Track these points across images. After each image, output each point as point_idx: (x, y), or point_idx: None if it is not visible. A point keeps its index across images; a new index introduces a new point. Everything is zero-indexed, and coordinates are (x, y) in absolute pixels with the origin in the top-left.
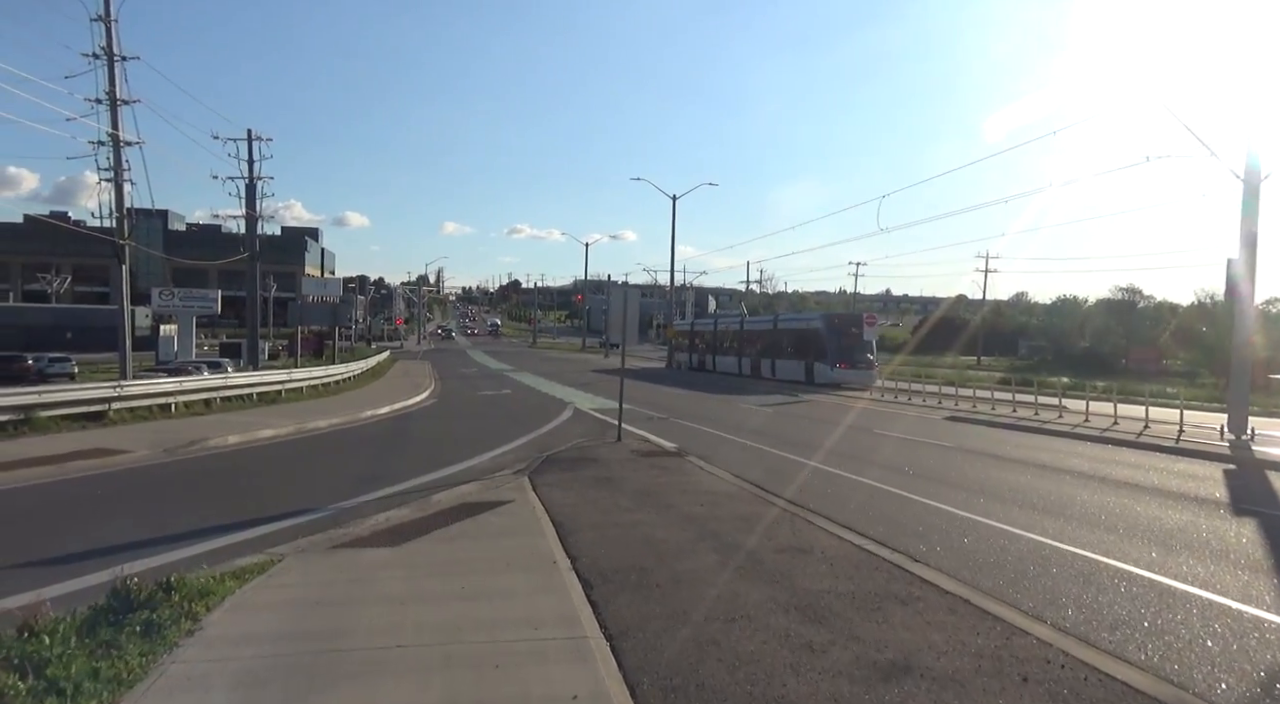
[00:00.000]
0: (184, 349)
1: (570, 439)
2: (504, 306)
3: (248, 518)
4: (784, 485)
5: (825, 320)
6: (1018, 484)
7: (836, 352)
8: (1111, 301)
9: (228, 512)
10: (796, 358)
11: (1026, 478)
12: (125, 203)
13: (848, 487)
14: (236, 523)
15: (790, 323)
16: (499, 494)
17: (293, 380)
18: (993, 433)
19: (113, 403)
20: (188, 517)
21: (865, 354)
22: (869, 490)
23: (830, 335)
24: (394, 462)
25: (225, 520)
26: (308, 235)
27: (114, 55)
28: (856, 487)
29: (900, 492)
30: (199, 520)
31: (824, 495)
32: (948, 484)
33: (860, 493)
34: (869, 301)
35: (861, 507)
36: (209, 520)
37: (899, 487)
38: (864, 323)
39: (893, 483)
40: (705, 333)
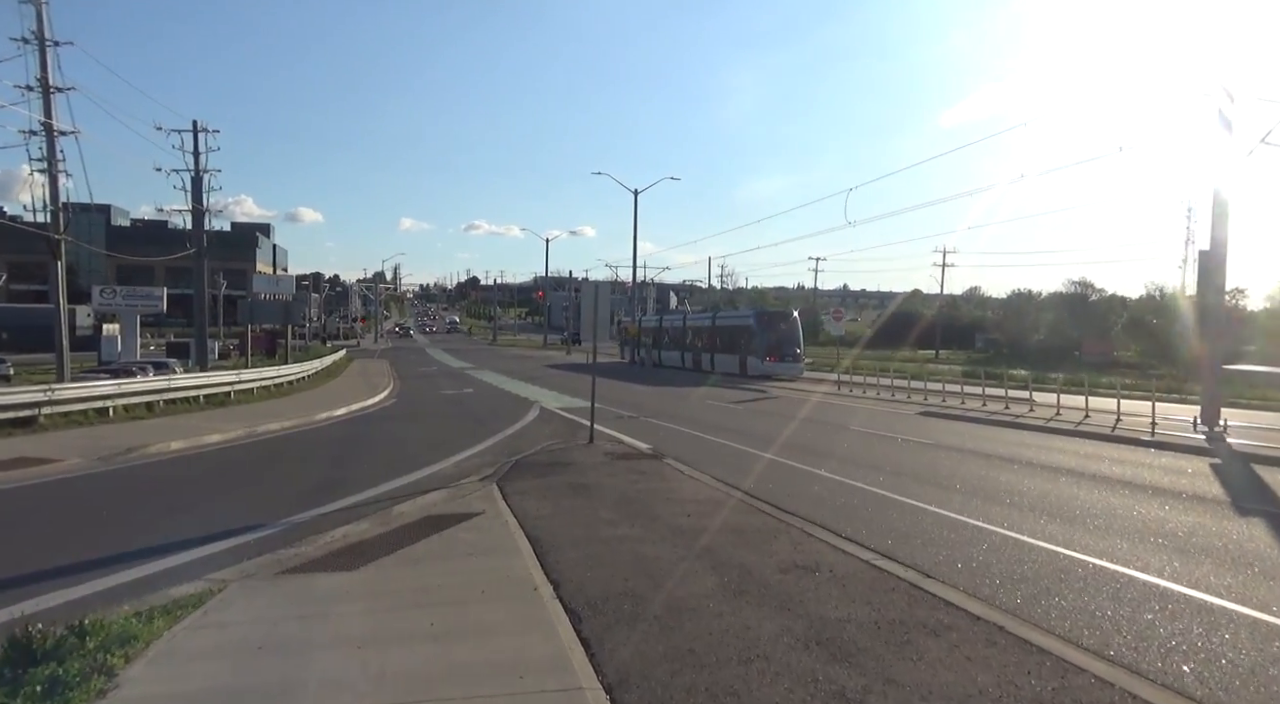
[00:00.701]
0: (127, 349)
1: (539, 441)
2: (463, 304)
3: (187, 537)
4: (772, 490)
5: (756, 317)
6: (1011, 484)
7: (766, 346)
8: (1064, 295)
9: (165, 529)
10: (732, 352)
11: (1017, 477)
12: (60, 196)
13: (839, 491)
14: (174, 543)
15: (727, 319)
16: (467, 505)
17: (242, 381)
18: (969, 429)
19: (43, 407)
20: (118, 536)
21: (793, 348)
22: (861, 495)
23: (760, 331)
24: (352, 468)
25: (161, 540)
26: (259, 231)
27: (45, 39)
28: (849, 491)
29: (894, 495)
30: (130, 540)
31: (815, 501)
32: (940, 486)
33: (852, 497)
34: (827, 297)
35: (857, 513)
36: (142, 540)
37: (892, 489)
38: (791, 319)
39: (884, 485)
40: (653, 330)
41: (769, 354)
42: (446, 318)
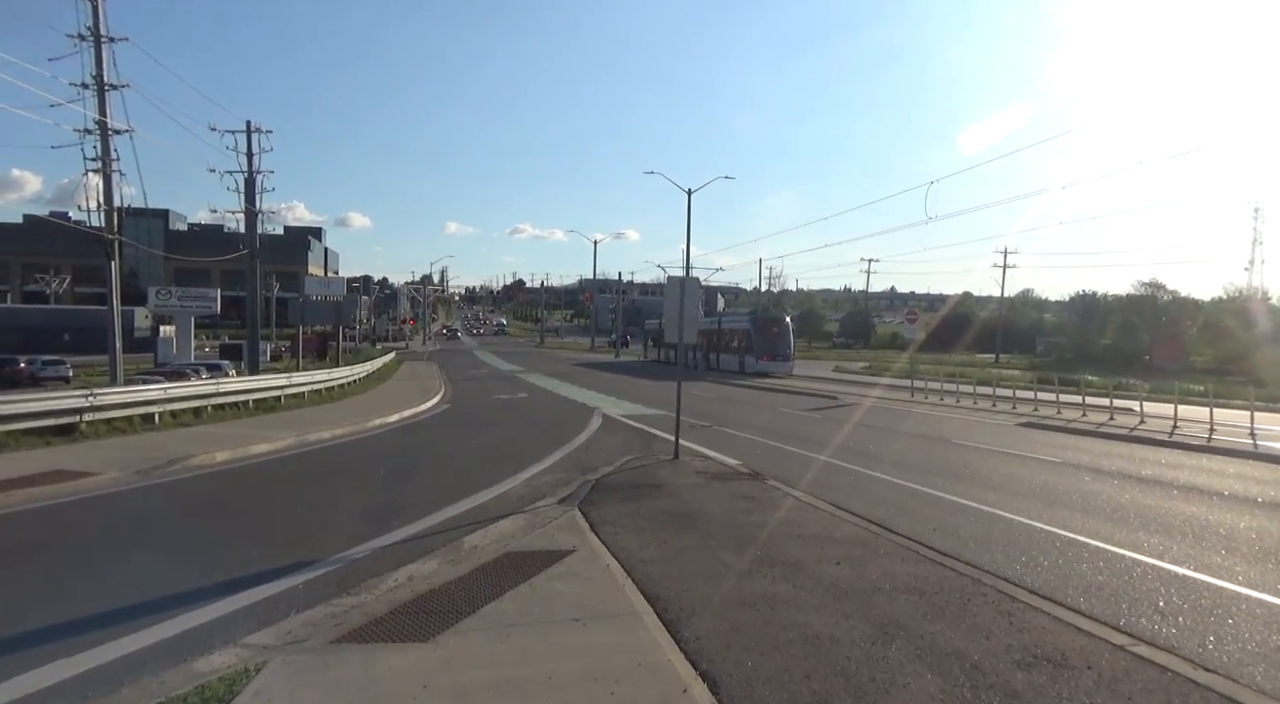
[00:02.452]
0: (182, 350)
1: (612, 455)
2: (509, 306)
3: (224, 578)
4: (917, 526)
5: (753, 321)
6: (1198, 518)
7: (761, 346)
8: (1133, 297)
9: (199, 566)
10: (733, 353)
11: (1196, 508)
12: (115, 195)
13: (1003, 529)
14: (207, 588)
15: (730, 322)
16: (551, 538)
17: (292, 385)
18: (1089, 444)
19: (84, 414)
20: (145, 575)
21: (785, 349)
22: (1036, 536)
23: (756, 333)
24: (409, 486)
25: (193, 581)
26: (311, 235)
27: (101, 35)
28: (1016, 529)
29: (1087, 539)
30: (157, 581)
31: (983, 543)
32: (1115, 519)
33: (1028, 539)
34: (876, 299)
35: (1050, 563)
36: (171, 581)
37: (1075, 528)
38: (783, 323)
39: (1057, 522)
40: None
41: (763, 354)
42: (494, 320)
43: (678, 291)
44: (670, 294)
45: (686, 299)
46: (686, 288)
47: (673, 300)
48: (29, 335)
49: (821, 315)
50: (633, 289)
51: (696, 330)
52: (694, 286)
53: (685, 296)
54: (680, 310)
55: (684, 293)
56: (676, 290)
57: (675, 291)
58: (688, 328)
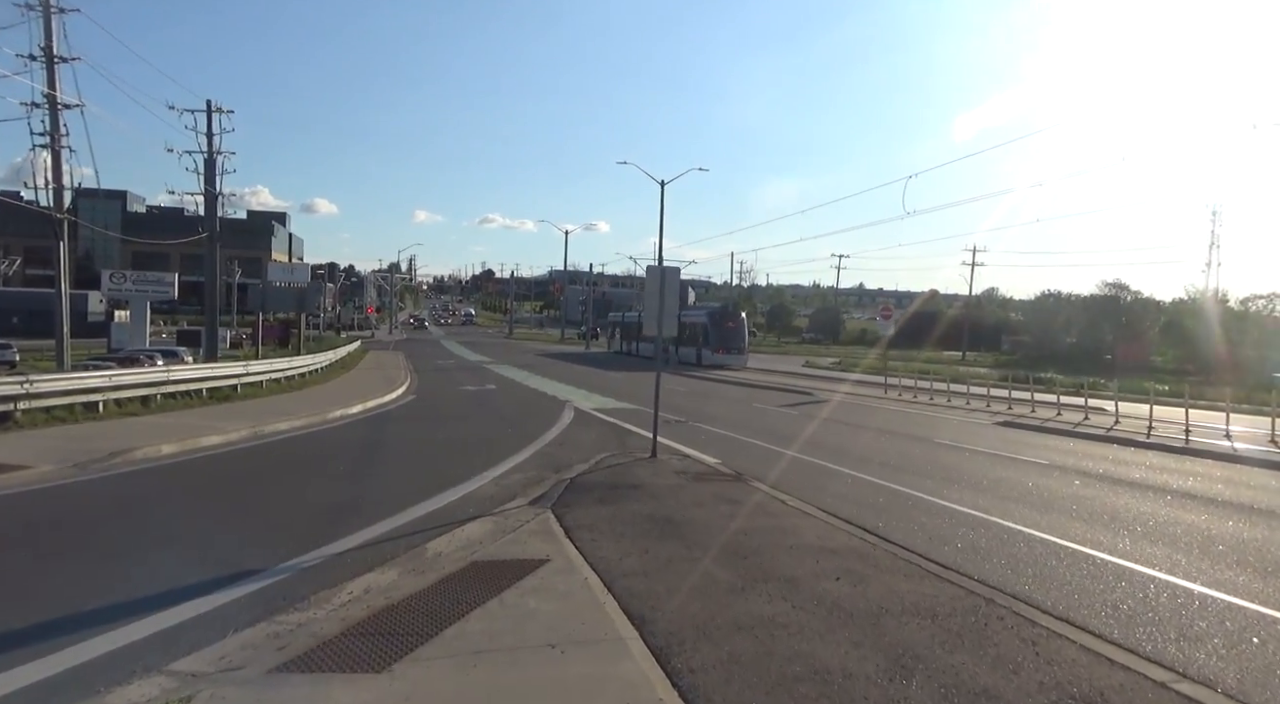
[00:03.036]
0: (137, 336)
1: (586, 451)
2: (477, 296)
3: (154, 590)
4: (914, 534)
5: (709, 316)
6: (1199, 527)
7: (717, 340)
8: (1097, 297)
9: (127, 576)
10: (691, 346)
11: (1195, 516)
12: (65, 172)
13: (997, 535)
14: (133, 601)
15: (688, 317)
16: (523, 545)
17: (250, 373)
18: (1069, 444)
19: (19, 402)
20: (61, 586)
21: (739, 343)
22: (1040, 547)
23: (713, 327)
24: (370, 483)
25: (117, 595)
26: (275, 220)
27: (50, 5)
28: (1007, 535)
29: (1091, 551)
30: (82, 592)
31: (984, 555)
32: (1115, 527)
33: (1030, 550)
34: (844, 295)
35: (1062, 578)
36: (93, 594)
37: (1075, 538)
38: (738, 318)
39: (1057, 530)
40: (632, 324)
41: (719, 347)
42: (462, 310)
43: (657, 282)
44: (650, 285)
45: (666, 290)
46: (666, 279)
47: (652, 292)
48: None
49: (791, 310)
50: (604, 281)
51: (675, 323)
52: (675, 277)
53: (665, 288)
54: (660, 302)
55: (663, 284)
56: (656, 281)
57: (655, 282)
58: (667, 320)
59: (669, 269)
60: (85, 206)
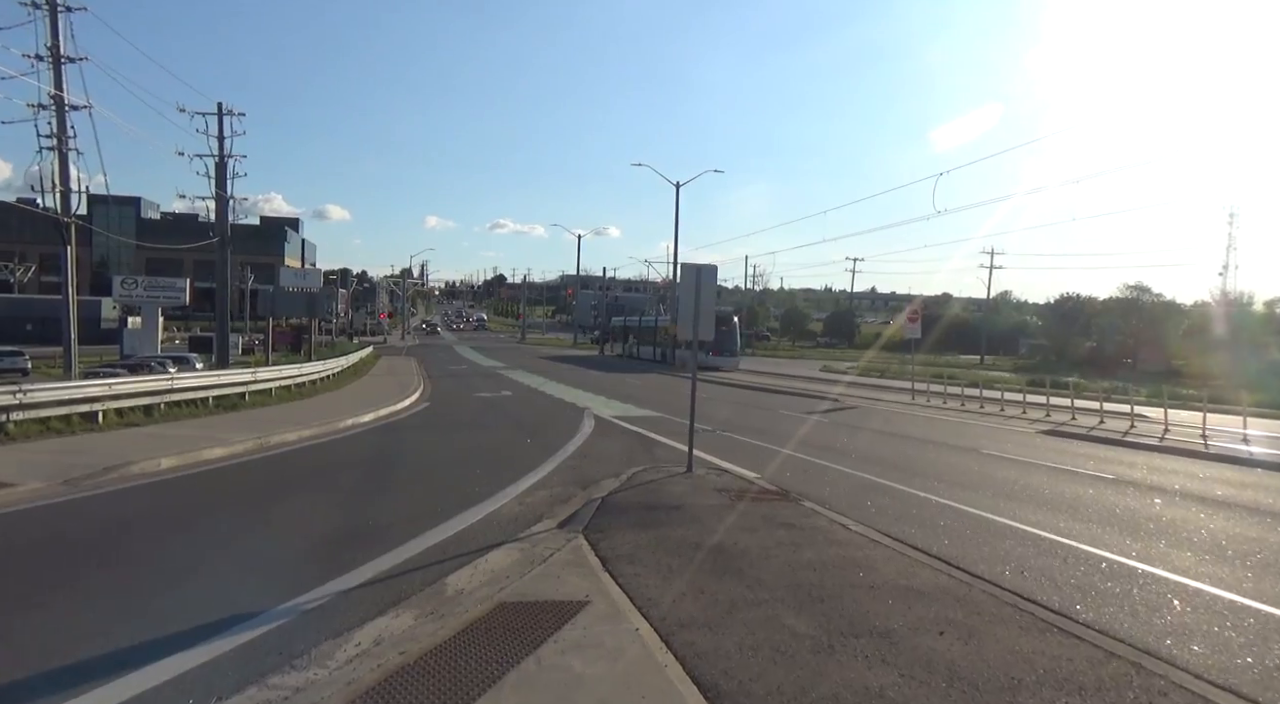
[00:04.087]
0: (147, 342)
1: (613, 464)
2: (489, 301)
3: (130, 640)
4: (1004, 566)
5: None
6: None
7: (711, 343)
8: (1118, 300)
9: (102, 619)
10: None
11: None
12: (72, 175)
13: (1101, 571)
14: (103, 656)
15: None
16: (557, 581)
17: (259, 380)
18: (1127, 455)
19: (11, 413)
20: (20, 632)
21: (732, 345)
22: (1145, 580)
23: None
24: (382, 503)
25: (87, 648)
26: (288, 226)
27: (56, 4)
28: (1112, 570)
29: (1210, 588)
30: (36, 645)
31: (1102, 597)
32: (1239, 562)
33: (1139, 586)
34: (857, 299)
35: (1195, 630)
36: (55, 647)
37: (1183, 571)
38: (731, 322)
39: (1158, 559)
40: (632, 327)
41: (713, 349)
42: (474, 315)
43: (693, 281)
44: (685, 284)
45: (702, 290)
46: (702, 277)
47: (687, 291)
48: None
49: (806, 314)
50: (616, 286)
51: (713, 325)
52: (711, 276)
53: (701, 287)
54: (695, 302)
55: (699, 282)
56: (692, 279)
57: (690, 281)
58: (704, 322)
59: (705, 267)
60: (99, 213)
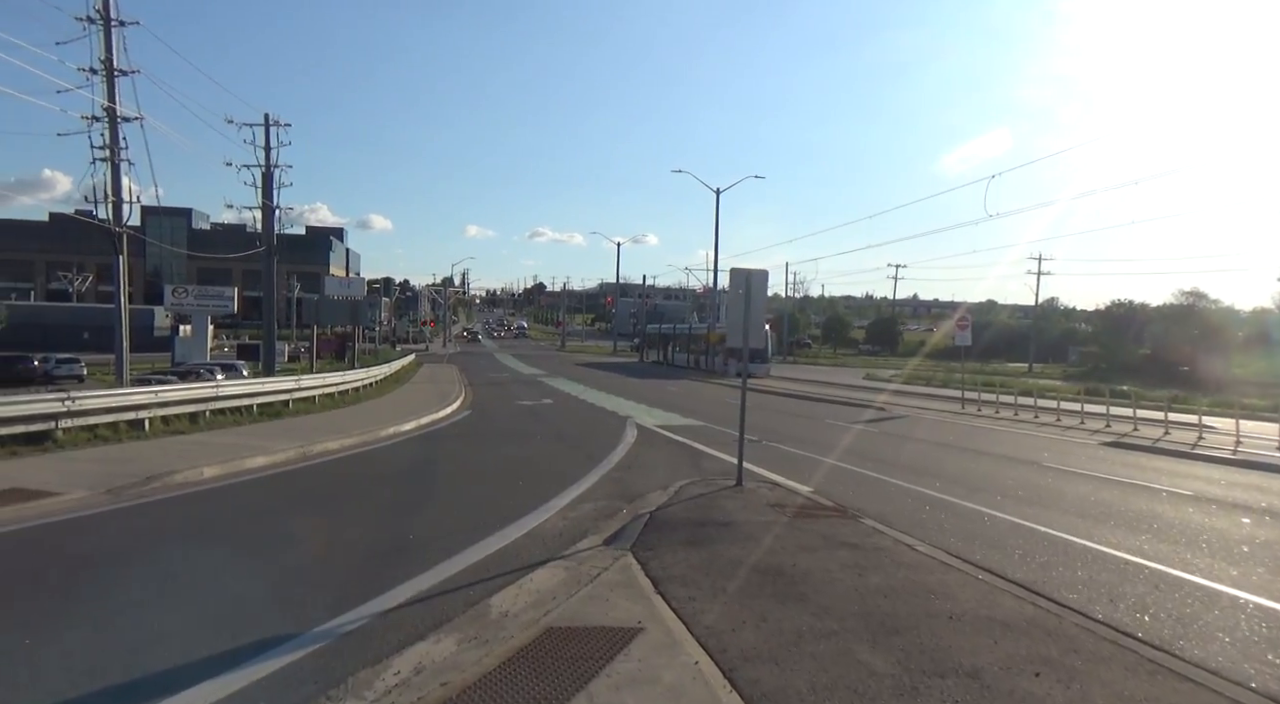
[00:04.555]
0: (197, 350)
1: (659, 476)
2: (529, 309)
3: (158, 665)
4: (1093, 593)
5: None
6: None
7: None
8: (1173, 306)
9: (132, 639)
10: (718, 355)
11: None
12: (124, 185)
13: (1202, 599)
14: (128, 684)
15: (718, 329)
16: (606, 605)
17: (302, 388)
18: (1200, 469)
19: (60, 420)
20: (51, 652)
21: (764, 353)
22: (1255, 614)
23: None
24: (423, 516)
25: (113, 674)
26: (333, 235)
27: (110, 18)
28: (1210, 599)
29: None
30: (62, 667)
31: (1208, 630)
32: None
33: (1248, 619)
34: (898, 306)
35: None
36: (83, 670)
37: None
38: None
39: (1273, 593)
40: (668, 335)
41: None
42: (515, 323)
43: (742, 286)
44: (734, 289)
45: (753, 295)
46: (752, 283)
47: (736, 296)
48: (48, 333)
49: (847, 322)
50: (655, 294)
51: (763, 333)
52: (762, 282)
53: (751, 293)
54: (745, 308)
55: (749, 288)
56: (742, 284)
57: (740, 286)
58: (754, 329)
59: (755, 272)
60: (153, 224)
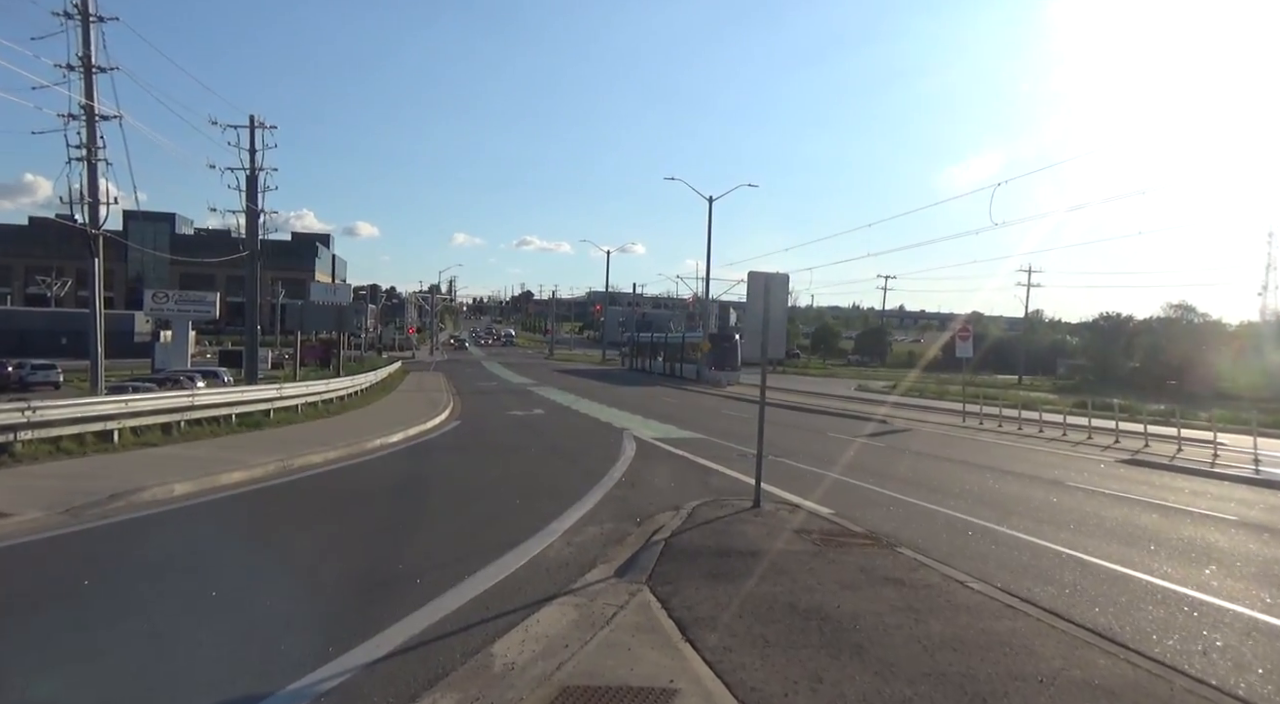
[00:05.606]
0: (178, 356)
1: (666, 495)
2: (517, 317)
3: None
4: (1192, 649)
5: (712, 337)
6: None
7: (714, 357)
8: (1163, 319)
9: (59, 698)
10: (692, 362)
11: None
12: (102, 187)
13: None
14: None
15: (690, 337)
16: (628, 655)
17: (284, 397)
18: (1238, 492)
19: (19, 432)
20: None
21: (733, 361)
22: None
23: (714, 346)
24: (413, 541)
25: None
26: (319, 241)
27: (89, 13)
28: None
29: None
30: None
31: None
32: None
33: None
34: (886, 317)
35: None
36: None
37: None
38: (732, 340)
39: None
40: (646, 343)
41: (713, 364)
42: (503, 331)
43: (761, 290)
44: (753, 293)
45: (772, 299)
46: (772, 287)
47: (755, 301)
48: (25, 338)
49: (836, 332)
50: (644, 303)
51: (784, 341)
52: (782, 286)
53: (771, 295)
54: (765, 313)
55: (768, 293)
56: (760, 288)
57: (759, 290)
58: (774, 337)
59: (775, 275)
60: (135, 229)
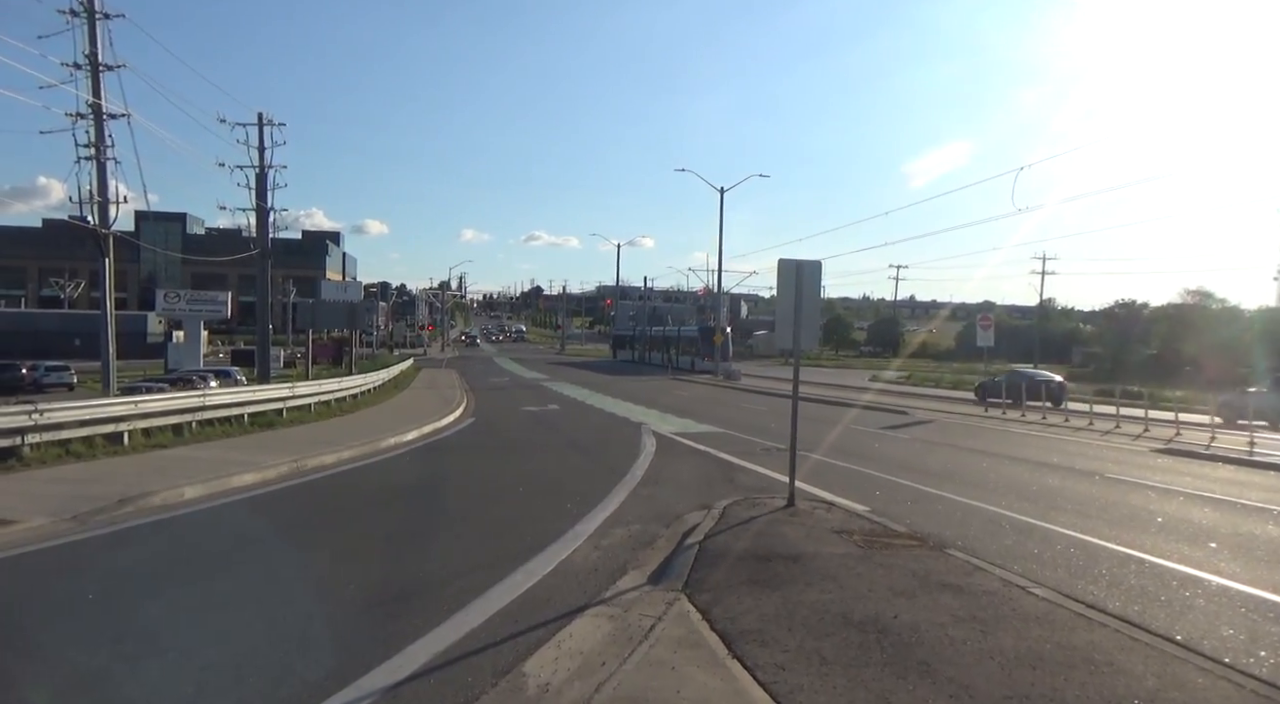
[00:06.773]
0: (190, 356)
1: (692, 493)
2: (527, 313)
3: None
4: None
5: (700, 330)
6: None
7: (706, 349)
8: (1180, 306)
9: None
10: (687, 354)
11: None
12: (111, 186)
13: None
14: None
15: (685, 331)
16: (673, 675)
17: (296, 396)
18: (1273, 479)
19: (27, 435)
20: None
21: (726, 352)
22: None
23: (703, 340)
24: (432, 547)
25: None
26: (329, 240)
27: (95, 11)
28: None
29: None
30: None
31: None
32: None
33: None
34: (897, 307)
35: None
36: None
37: None
38: (725, 333)
39: None
40: (641, 336)
41: (706, 356)
42: (513, 327)
43: (792, 279)
44: (783, 283)
45: (804, 288)
46: (804, 276)
47: (786, 291)
48: (40, 340)
49: (849, 323)
50: (655, 296)
51: (817, 333)
52: (815, 274)
53: (803, 284)
54: (797, 303)
55: (800, 281)
56: (791, 277)
57: (790, 279)
58: (807, 328)
59: (806, 263)
60: (147, 229)
